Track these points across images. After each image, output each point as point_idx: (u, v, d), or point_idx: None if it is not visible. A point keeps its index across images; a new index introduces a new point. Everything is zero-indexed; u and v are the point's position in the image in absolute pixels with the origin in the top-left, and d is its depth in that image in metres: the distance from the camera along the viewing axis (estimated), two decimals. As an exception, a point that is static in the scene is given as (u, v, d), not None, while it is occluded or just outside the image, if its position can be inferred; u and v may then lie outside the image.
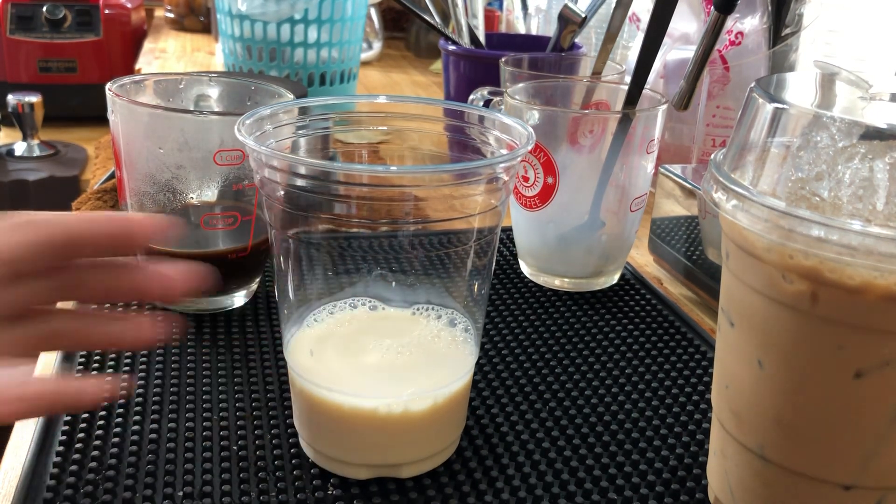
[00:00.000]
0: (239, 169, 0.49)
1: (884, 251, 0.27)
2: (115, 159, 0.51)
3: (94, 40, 1.35)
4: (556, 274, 0.59)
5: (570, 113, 0.58)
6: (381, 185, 0.34)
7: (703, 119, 0.72)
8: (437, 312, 0.40)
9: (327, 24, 0.95)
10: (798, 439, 0.32)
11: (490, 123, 0.40)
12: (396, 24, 1.79)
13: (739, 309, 0.33)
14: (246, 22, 0.94)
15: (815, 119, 0.30)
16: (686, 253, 0.61)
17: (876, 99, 0.35)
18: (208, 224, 0.50)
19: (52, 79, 1.34)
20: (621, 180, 0.55)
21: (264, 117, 0.38)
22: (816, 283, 0.29)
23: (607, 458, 0.41)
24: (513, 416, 0.44)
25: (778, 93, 0.33)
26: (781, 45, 0.69)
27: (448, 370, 0.37)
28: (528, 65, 0.73)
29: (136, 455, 0.39)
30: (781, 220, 0.28)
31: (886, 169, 0.28)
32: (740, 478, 0.35)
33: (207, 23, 1.73)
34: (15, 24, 1.33)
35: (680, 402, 0.46)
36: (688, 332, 0.53)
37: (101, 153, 1.05)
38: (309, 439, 0.39)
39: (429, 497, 0.37)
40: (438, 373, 0.37)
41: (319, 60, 0.97)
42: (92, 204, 0.68)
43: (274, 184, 0.35)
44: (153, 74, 0.56)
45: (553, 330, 0.53)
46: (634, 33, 0.85)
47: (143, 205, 0.50)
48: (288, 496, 0.37)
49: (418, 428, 0.37)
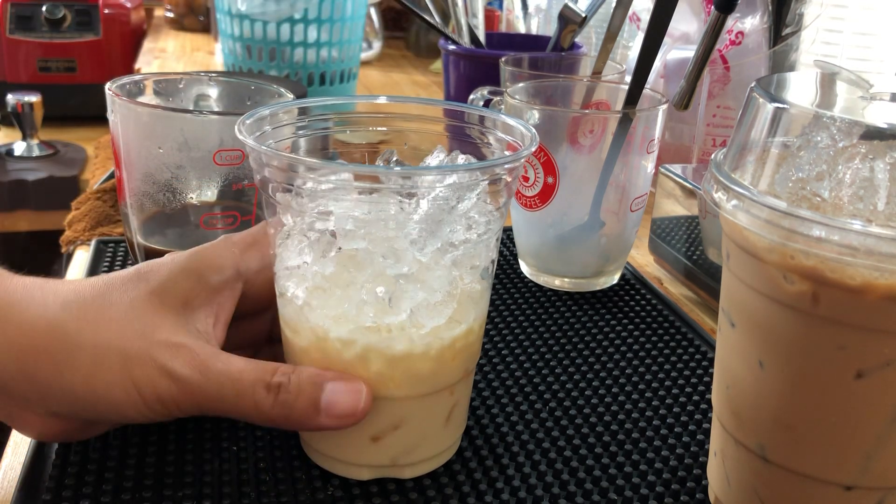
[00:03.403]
0: (239, 169, 0.49)
1: (885, 251, 0.26)
2: (114, 159, 0.51)
3: (93, 40, 1.35)
4: (556, 274, 0.59)
5: (571, 113, 0.57)
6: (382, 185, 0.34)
7: (704, 119, 0.72)
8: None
9: (327, 24, 0.95)
10: (799, 439, 0.32)
11: (492, 124, 0.40)
12: (396, 23, 1.78)
13: (740, 309, 0.33)
14: (246, 21, 0.94)
15: (815, 119, 0.30)
16: (686, 253, 0.61)
17: (876, 99, 0.35)
18: (208, 224, 0.50)
19: (52, 78, 1.34)
20: (621, 180, 0.55)
21: (264, 117, 0.38)
22: (817, 284, 0.29)
23: (607, 458, 0.41)
24: (513, 416, 0.44)
25: (778, 93, 0.33)
26: (782, 45, 0.69)
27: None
28: (528, 64, 0.73)
29: (136, 455, 0.39)
30: (782, 221, 0.28)
31: (887, 169, 0.28)
32: (740, 478, 0.35)
33: (207, 22, 1.73)
34: (14, 24, 1.33)
35: (680, 402, 0.46)
36: (688, 333, 0.53)
37: (100, 153, 1.05)
38: (310, 439, 0.39)
39: (429, 497, 0.37)
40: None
41: (319, 60, 0.97)
42: (91, 204, 0.68)
43: (274, 183, 0.35)
44: (153, 74, 0.56)
45: (553, 330, 0.53)
46: (634, 33, 0.85)
47: (143, 205, 0.50)
48: (288, 496, 0.37)
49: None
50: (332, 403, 0.34)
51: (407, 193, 0.34)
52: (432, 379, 0.36)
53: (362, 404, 0.35)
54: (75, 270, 0.59)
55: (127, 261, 0.58)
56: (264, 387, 0.34)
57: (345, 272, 0.34)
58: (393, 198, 0.34)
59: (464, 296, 0.36)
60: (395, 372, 0.35)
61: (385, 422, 0.37)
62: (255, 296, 0.39)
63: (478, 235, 0.35)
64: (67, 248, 0.64)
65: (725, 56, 0.71)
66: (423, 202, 0.34)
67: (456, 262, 0.35)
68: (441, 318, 0.35)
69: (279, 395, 0.34)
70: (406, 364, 0.35)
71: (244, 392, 0.34)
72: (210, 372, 0.34)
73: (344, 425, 0.35)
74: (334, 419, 0.34)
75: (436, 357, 0.36)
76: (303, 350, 0.36)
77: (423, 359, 0.35)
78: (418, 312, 0.34)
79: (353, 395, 0.35)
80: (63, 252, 0.65)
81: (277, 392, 0.34)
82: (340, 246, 0.34)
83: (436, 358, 0.36)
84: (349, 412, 0.34)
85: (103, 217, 0.66)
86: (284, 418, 0.34)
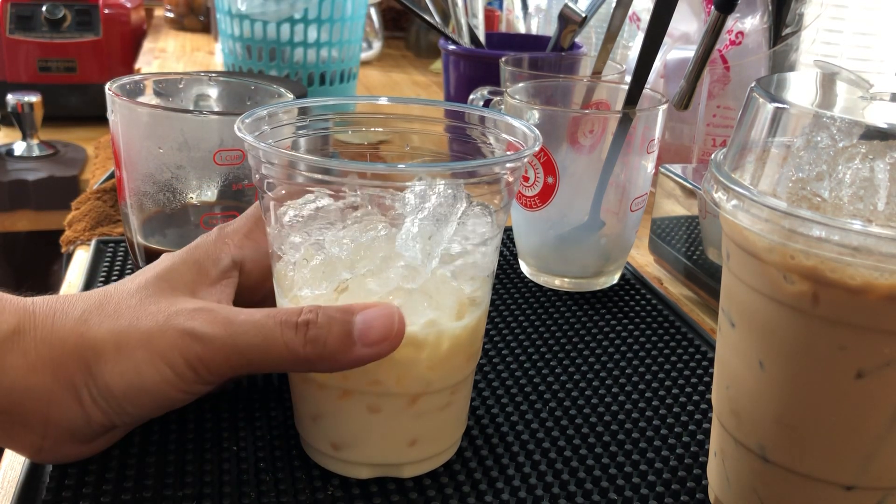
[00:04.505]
0: (239, 169, 0.49)
1: (885, 251, 0.26)
2: (114, 159, 0.51)
3: (93, 40, 1.35)
4: (556, 274, 0.59)
5: (571, 113, 0.57)
6: (383, 184, 0.34)
7: (704, 119, 0.72)
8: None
9: (327, 24, 0.95)
10: (799, 440, 0.32)
11: (493, 124, 0.40)
12: (396, 23, 1.78)
13: (740, 309, 0.33)
14: (246, 21, 0.94)
15: (815, 119, 0.30)
16: (686, 253, 0.61)
17: (876, 99, 0.35)
18: (208, 224, 0.50)
19: (52, 78, 1.34)
20: (621, 180, 0.55)
21: (264, 117, 0.38)
22: (817, 284, 0.29)
23: (607, 458, 0.41)
24: (513, 416, 0.44)
25: (778, 93, 0.33)
26: (782, 45, 0.69)
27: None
28: (529, 64, 0.73)
29: (136, 455, 0.39)
30: (782, 221, 0.28)
31: (887, 169, 0.28)
32: (740, 478, 0.35)
33: (207, 22, 1.73)
34: (14, 24, 1.33)
35: (680, 402, 0.46)
36: (688, 333, 0.53)
37: (100, 153, 1.05)
38: (310, 438, 0.39)
39: (429, 497, 0.37)
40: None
41: (319, 60, 0.97)
42: (91, 204, 0.68)
43: (274, 182, 0.35)
44: (153, 74, 0.56)
45: (553, 330, 0.53)
46: (634, 33, 0.85)
47: (143, 205, 0.50)
48: (288, 496, 0.37)
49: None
50: (366, 330, 0.33)
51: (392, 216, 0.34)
52: (432, 379, 0.36)
53: (396, 325, 0.33)
54: (75, 270, 0.59)
55: (127, 261, 0.58)
56: (292, 327, 0.33)
57: (351, 298, 0.35)
58: (379, 217, 0.34)
59: (464, 297, 0.36)
60: (395, 372, 0.35)
61: None
62: (251, 284, 0.40)
63: (474, 246, 0.35)
64: (67, 248, 0.64)
65: (725, 56, 0.71)
66: (409, 219, 0.34)
67: (455, 274, 0.35)
68: (441, 321, 0.35)
69: (309, 332, 0.33)
70: (406, 364, 0.35)
71: (272, 337, 0.33)
72: (233, 325, 0.33)
73: (382, 353, 0.33)
74: (371, 347, 0.33)
75: (436, 357, 0.36)
76: None
77: (424, 359, 0.35)
78: (421, 319, 0.35)
79: (386, 319, 0.33)
80: (63, 252, 0.65)
81: (307, 329, 0.33)
82: (346, 277, 0.34)
83: (436, 358, 0.36)
84: (384, 335, 0.33)
85: (103, 217, 0.66)
86: (318, 356, 0.33)
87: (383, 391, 0.36)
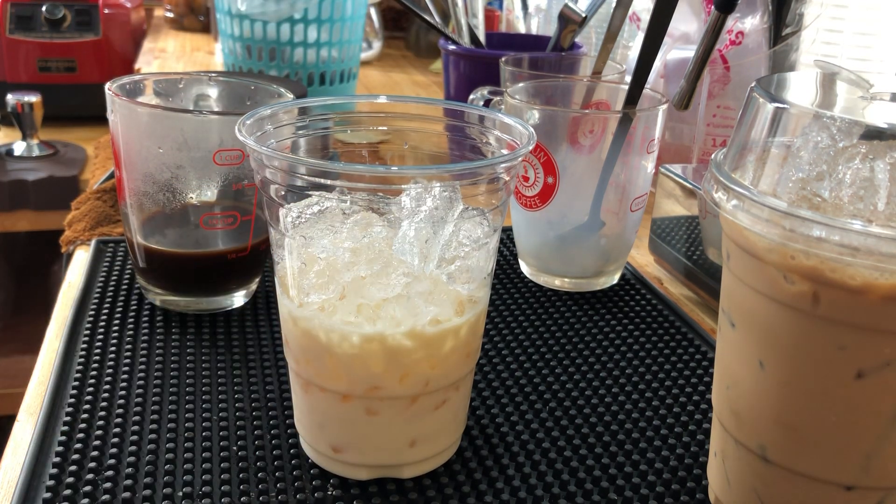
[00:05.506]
0: (239, 169, 0.49)
1: (885, 251, 0.26)
2: (114, 159, 0.51)
3: (93, 40, 1.35)
4: (556, 274, 0.59)
5: (571, 113, 0.57)
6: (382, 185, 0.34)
7: (704, 119, 0.72)
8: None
9: (327, 24, 0.95)
10: (799, 440, 0.32)
11: (490, 123, 0.40)
12: (396, 23, 1.78)
13: (740, 309, 0.33)
14: (246, 21, 0.94)
15: (815, 119, 0.30)
16: (686, 253, 0.61)
17: (876, 99, 0.35)
18: (208, 224, 0.50)
19: (52, 78, 1.34)
20: (621, 180, 0.55)
21: (264, 117, 0.38)
22: (818, 284, 0.29)
23: (607, 458, 0.41)
24: (513, 416, 0.43)
25: (778, 92, 0.33)
26: (782, 45, 0.69)
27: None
28: (528, 64, 0.73)
29: (135, 455, 0.39)
30: (782, 221, 0.28)
31: (887, 169, 0.28)
32: (740, 478, 0.35)
33: (207, 22, 1.73)
34: (14, 24, 1.33)
35: (680, 402, 0.46)
36: (688, 333, 0.53)
37: (100, 153, 1.04)
38: (310, 440, 0.39)
39: (429, 497, 0.37)
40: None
41: (319, 60, 0.97)
42: (91, 204, 0.68)
43: (275, 184, 0.35)
44: (153, 74, 0.56)
45: (553, 330, 0.53)
46: (634, 33, 0.85)
47: (143, 205, 0.50)
48: (288, 496, 0.37)
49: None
50: None
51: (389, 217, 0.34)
52: (433, 377, 0.36)
53: None
54: (75, 270, 0.59)
55: (127, 261, 0.58)
56: None
57: (351, 302, 0.35)
58: (378, 219, 0.34)
59: (463, 297, 0.36)
60: (398, 372, 0.35)
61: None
62: None
63: (471, 247, 0.35)
64: (67, 248, 0.64)
65: (725, 56, 0.71)
66: (405, 222, 0.34)
67: (452, 276, 0.35)
68: (441, 318, 0.35)
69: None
70: (408, 363, 0.35)
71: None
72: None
73: None
74: None
75: (438, 354, 0.36)
76: (301, 349, 0.36)
77: (426, 356, 0.35)
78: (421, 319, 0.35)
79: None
80: (63, 252, 0.65)
81: None
82: (346, 281, 0.34)
83: (438, 355, 0.36)
84: None
85: (103, 217, 0.66)
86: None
87: (384, 394, 0.36)
